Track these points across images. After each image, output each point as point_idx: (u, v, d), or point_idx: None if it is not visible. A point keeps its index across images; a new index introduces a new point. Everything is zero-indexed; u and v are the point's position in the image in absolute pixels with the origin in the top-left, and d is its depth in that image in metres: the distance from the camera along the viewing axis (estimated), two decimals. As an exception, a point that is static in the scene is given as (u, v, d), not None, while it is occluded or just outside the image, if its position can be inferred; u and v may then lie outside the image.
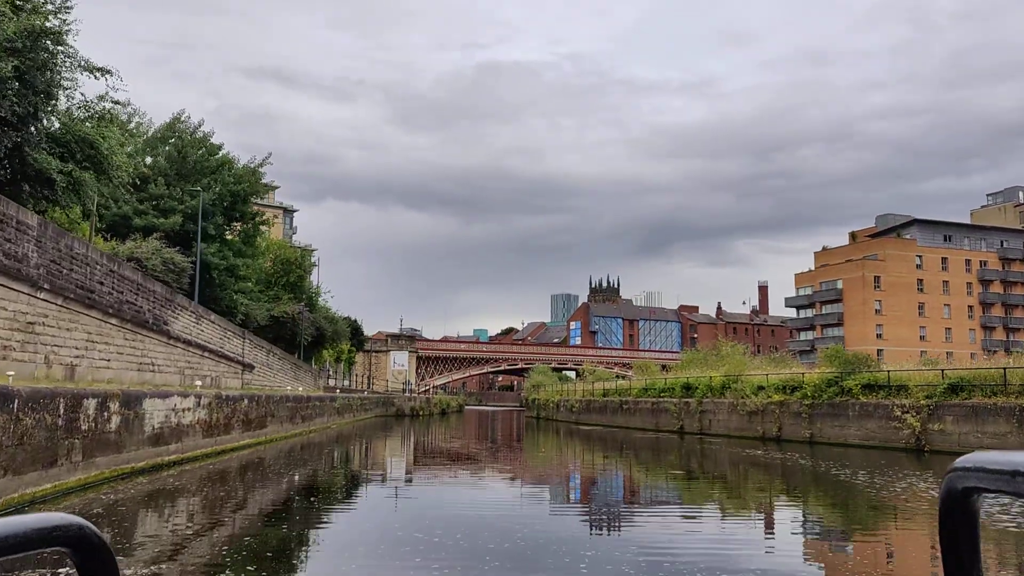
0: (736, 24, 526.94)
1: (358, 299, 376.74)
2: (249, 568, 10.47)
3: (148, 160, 46.18)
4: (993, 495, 0.91)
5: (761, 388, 38.11)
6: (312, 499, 18.58)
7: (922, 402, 29.73)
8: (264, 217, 50.86)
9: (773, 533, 15.06)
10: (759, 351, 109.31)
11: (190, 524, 13.93)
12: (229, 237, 50.13)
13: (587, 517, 16.46)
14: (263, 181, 51.17)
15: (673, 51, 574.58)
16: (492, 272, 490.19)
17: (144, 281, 23.05)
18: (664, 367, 68.91)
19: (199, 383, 23.20)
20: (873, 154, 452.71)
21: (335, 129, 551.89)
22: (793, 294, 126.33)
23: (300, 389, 38.73)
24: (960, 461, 0.95)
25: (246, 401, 26.29)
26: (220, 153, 48.00)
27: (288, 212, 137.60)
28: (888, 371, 33.52)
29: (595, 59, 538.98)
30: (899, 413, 30.10)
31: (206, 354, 28.60)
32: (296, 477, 22.74)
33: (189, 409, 20.67)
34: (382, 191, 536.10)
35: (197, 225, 44.68)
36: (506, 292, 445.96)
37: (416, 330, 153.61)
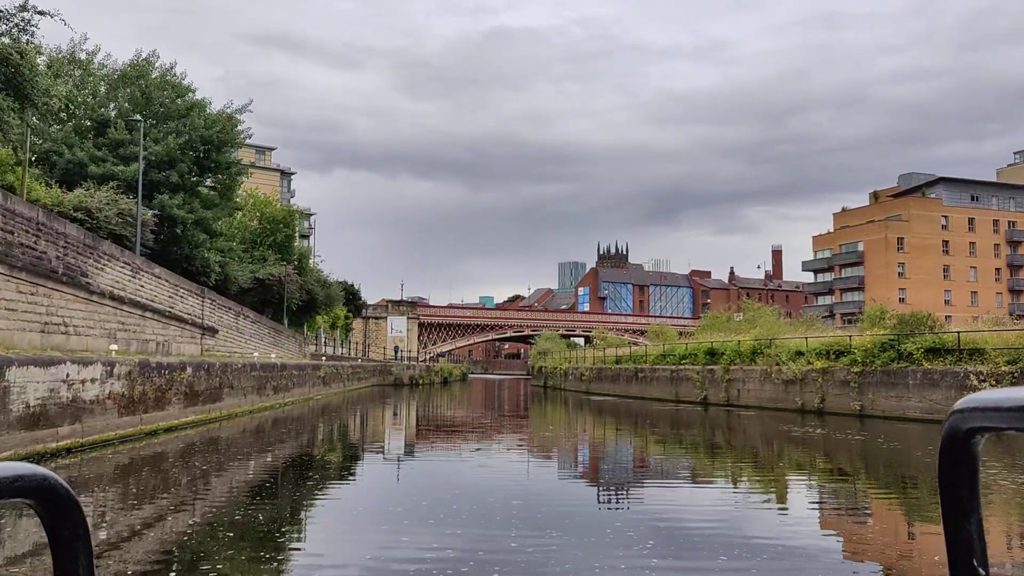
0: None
1: (364, 268, 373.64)
2: None
3: (112, 107, 41.45)
4: (1001, 433, 0.91)
5: (800, 353, 33.23)
6: (281, 486, 15.22)
7: (1003, 368, 24.88)
8: (241, 166, 45.78)
9: (813, 522, 12.36)
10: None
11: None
12: (202, 190, 45.33)
13: (607, 515, 12.74)
14: (239, 128, 45.92)
15: (684, 15, 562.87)
16: (499, 241, 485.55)
17: (48, 220, 18.27)
18: (680, 333, 64.17)
19: (113, 347, 18.62)
20: (887, 119, 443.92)
21: (342, 97, 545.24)
22: (810, 257, 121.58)
23: (272, 356, 34.23)
24: (963, 402, 0.93)
25: (190, 369, 21.66)
26: (189, 95, 43.02)
27: (286, 175, 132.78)
28: (958, 332, 28.58)
29: (604, 23, 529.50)
30: (975, 382, 25.22)
31: (148, 314, 23.93)
32: (267, 458, 19.05)
33: (94, 380, 16.05)
34: (390, 159, 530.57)
35: (161, 173, 39.95)
36: (513, 261, 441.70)
37: (424, 298, 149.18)
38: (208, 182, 45.88)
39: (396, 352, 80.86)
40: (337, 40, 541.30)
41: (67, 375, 14.98)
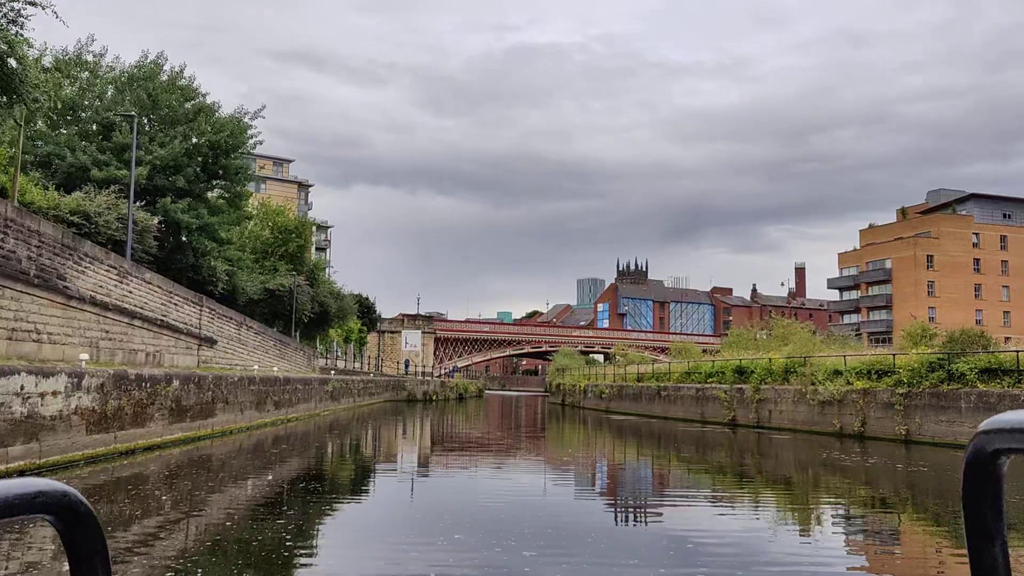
0: (771, 4, 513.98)
1: (382, 283, 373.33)
2: None
3: (119, 109, 40.14)
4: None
5: (837, 373, 30.91)
6: (279, 511, 13.90)
7: (1070, 392, 22.63)
8: (250, 173, 44.19)
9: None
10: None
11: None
12: (210, 196, 43.90)
13: (625, 539, 12.26)
14: (249, 132, 44.23)
15: (706, 32, 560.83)
16: (518, 257, 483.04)
17: (18, 217, 16.57)
18: (703, 351, 61.83)
19: (83, 356, 16.78)
20: (910, 137, 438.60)
21: (365, 112, 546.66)
22: (834, 275, 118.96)
23: (275, 369, 32.40)
24: (989, 422, 0.92)
25: (177, 382, 19.85)
26: (198, 99, 41.56)
27: (303, 187, 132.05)
28: (1017, 351, 26.22)
29: (626, 40, 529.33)
30: (1040, 406, 22.97)
31: (137, 322, 22.19)
32: (263, 480, 17.65)
33: (56, 393, 14.27)
34: (411, 175, 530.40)
35: (167, 178, 38.52)
36: (532, 277, 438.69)
37: (442, 314, 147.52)
38: (216, 189, 44.38)
39: (406, 366, 78.86)
40: (360, 56, 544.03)
41: (22, 387, 13.20)
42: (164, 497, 14.16)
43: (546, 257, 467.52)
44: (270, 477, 18.79)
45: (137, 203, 34.83)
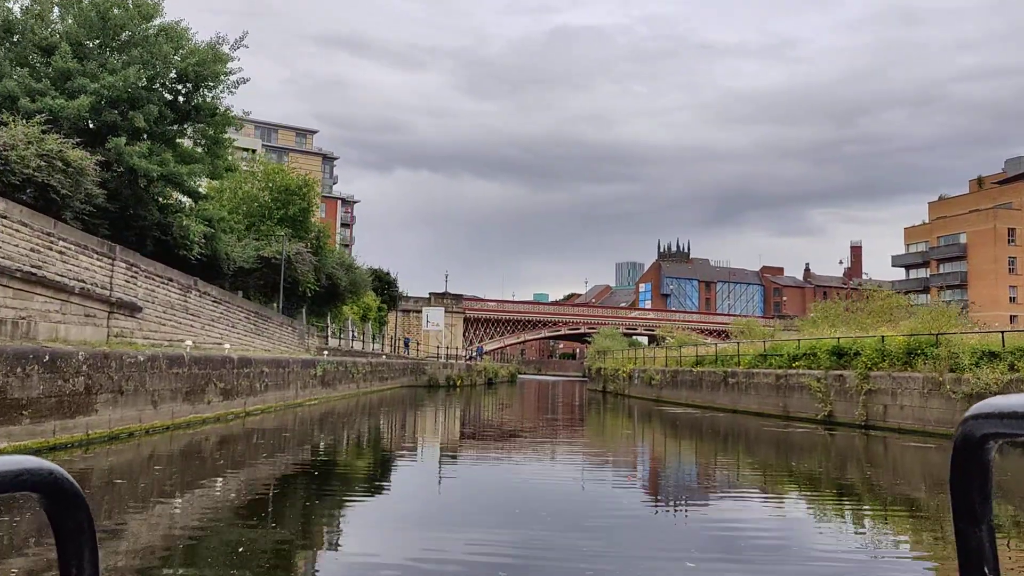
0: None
1: (418, 267, 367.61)
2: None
3: (56, 26, 32.87)
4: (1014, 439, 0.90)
5: (993, 355, 22.36)
6: None
7: None
8: (230, 116, 36.39)
9: None
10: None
11: None
12: (184, 143, 36.50)
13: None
14: (228, 68, 36.28)
15: (751, 12, 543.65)
16: (556, 242, 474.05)
17: None
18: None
19: None
20: (963, 118, 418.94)
21: (405, 97, 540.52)
22: (900, 251, 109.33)
23: (226, 347, 24.79)
24: (979, 407, 0.92)
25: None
26: (160, 19, 33.95)
27: (328, 159, 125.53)
28: None
29: (670, 21, 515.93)
30: None
31: (-25, 274, 14.67)
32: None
33: None
34: (451, 159, 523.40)
35: (118, 115, 31.12)
36: (570, 261, 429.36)
37: (478, 298, 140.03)
38: (190, 132, 36.76)
39: (405, 345, 71.05)
40: (402, 40, 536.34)
41: None
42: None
43: (584, 241, 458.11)
44: (187, 503, 11.98)
45: (79, 141, 27.57)
